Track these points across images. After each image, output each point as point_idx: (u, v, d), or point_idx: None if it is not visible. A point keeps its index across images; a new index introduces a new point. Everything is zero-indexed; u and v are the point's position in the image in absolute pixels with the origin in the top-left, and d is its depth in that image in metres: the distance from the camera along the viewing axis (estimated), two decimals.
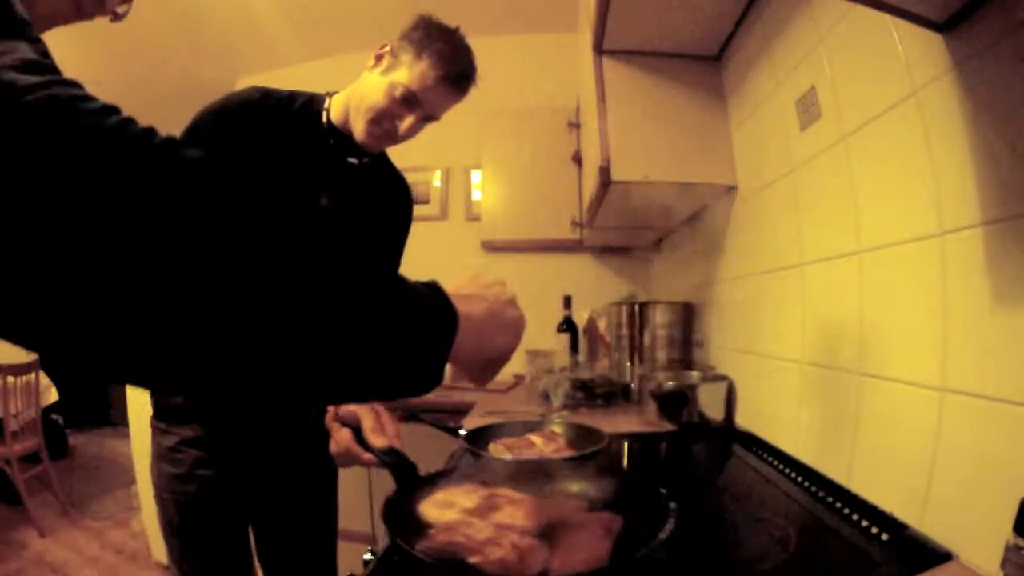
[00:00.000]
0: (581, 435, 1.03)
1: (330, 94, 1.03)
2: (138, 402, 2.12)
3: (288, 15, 2.30)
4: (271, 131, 0.95)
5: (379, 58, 0.99)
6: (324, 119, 1.01)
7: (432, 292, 0.41)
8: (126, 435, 2.17)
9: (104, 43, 2.46)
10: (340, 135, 1.00)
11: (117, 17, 0.64)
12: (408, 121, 0.96)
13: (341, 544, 1.80)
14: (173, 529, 0.97)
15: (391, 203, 1.15)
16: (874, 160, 0.74)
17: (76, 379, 3.98)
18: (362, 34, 2.58)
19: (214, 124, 0.93)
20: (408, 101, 0.95)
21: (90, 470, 3.53)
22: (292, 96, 1.01)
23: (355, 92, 0.99)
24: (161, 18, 2.30)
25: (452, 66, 0.96)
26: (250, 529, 1.06)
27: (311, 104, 1.01)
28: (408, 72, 0.94)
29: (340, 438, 0.78)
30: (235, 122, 0.93)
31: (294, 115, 0.99)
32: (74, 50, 2.66)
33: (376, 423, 0.76)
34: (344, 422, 0.78)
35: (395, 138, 1.00)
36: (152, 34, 2.41)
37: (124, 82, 2.83)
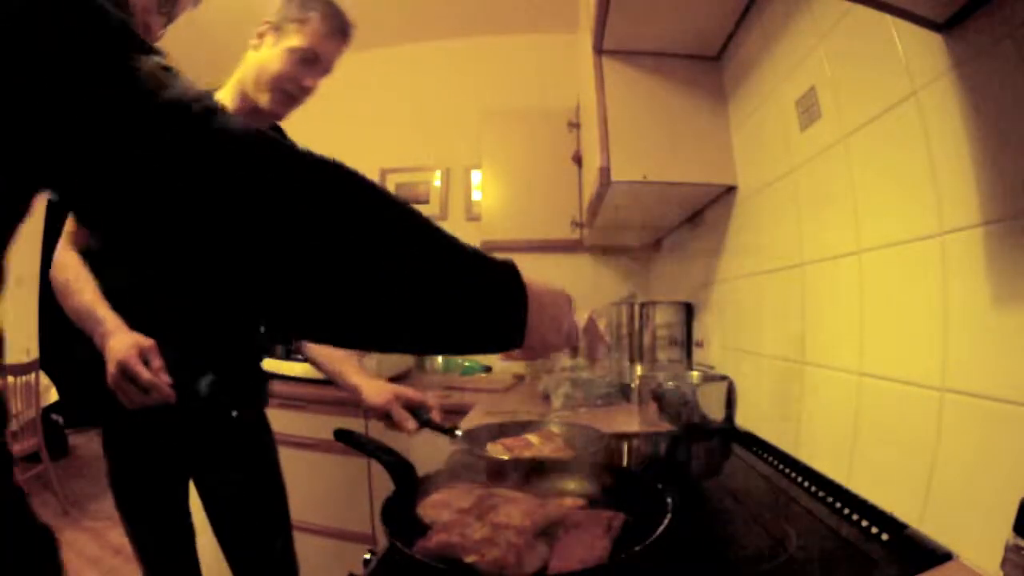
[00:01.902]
0: (579, 435, 1.03)
1: (213, 89, 1.11)
2: None
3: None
4: None
5: (260, 35, 1.07)
6: (236, 105, 1.09)
7: (508, 268, 0.48)
8: None
9: None
10: None
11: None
12: (310, 78, 1.07)
13: (342, 544, 1.80)
14: (114, 483, 1.06)
15: None
16: (874, 160, 0.74)
17: (79, 377, 3.98)
18: (362, 34, 2.59)
19: None
20: (307, 60, 1.05)
21: (90, 470, 3.53)
22: None
23: (247, 74, 1.08)
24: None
25: (338, 19, 1.07)
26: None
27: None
28: (299, 35, 1.04)
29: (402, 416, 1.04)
30: None
31: None
32: None
33: (400, 414, 1.04)
34: (377, 415, 1.07)
35: (299, 99, 1.09)
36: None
37: None
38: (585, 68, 1.43)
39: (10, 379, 2.63)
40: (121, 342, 0.86)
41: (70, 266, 0.99)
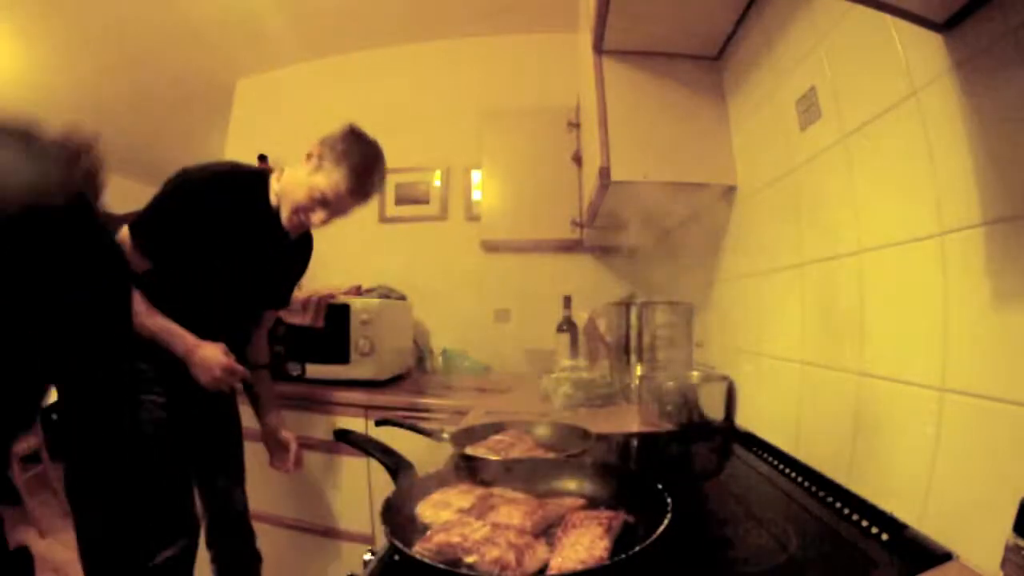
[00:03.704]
0: (568, 435, 1.03)
1: (273, 172, 1.29)
2: None
3: (287, 15, 2.30)
4: (225, 209, 1.20)
5: (309, 157, 1.21)
6: (271, 200, 1.26)
7: None
8: None
9: (105, 43, 2.47)
10: (277, 215, 1.26)
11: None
12: (319, 217, 1.22)
13: (341, 544, 1.80)
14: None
15: (301, 262, 1.51)
16: (874, 160, 0.74)
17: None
18: (362, 34, 2.59)
19: (175, 204, 1.17)
20: (321, 203, 1.20)
21: None
22: (241, 173, 1.27)
23: (287, 184, 1.24)
24: (161, 18, 2.30)
25: (362, 182, 1.20)
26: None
27: (259, 183, 1.27)
28: (326, 179, 1.18)
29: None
30: (193, 202, 1.17)
31: (245, 193, 1.24)
32: (75, 51, 2.67)
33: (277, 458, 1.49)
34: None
35: (307, 228, 1.29)
36: (152, 35, 2.41)
37: (124, 83, 2.84)
38: (585, 68, 1.43)
39: None
40: (214, 351, 1.21)
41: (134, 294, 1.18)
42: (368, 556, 0.61)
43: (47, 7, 2.19)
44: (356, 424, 1.75)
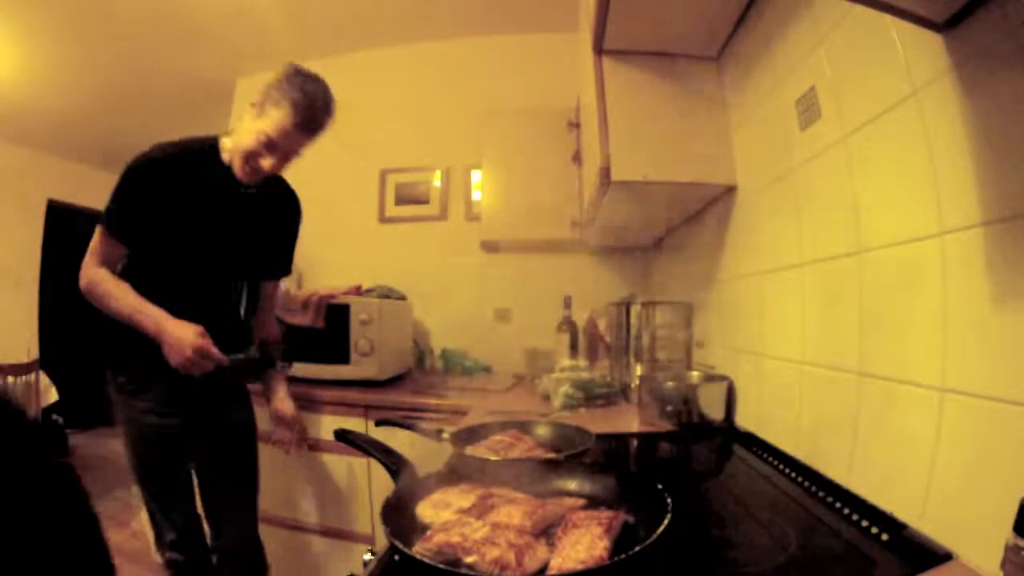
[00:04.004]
0: (568, 435, 1.03)
1: (225, 134, 1.28)
2: None
3: (288, 14, 2.30)
4: (180, 178, 1.20)
5: (253, 106, 1.21)
6: (223, 159, 1.25)
7: None
8: None
9: (105, 43, 2.47)
10: (231, 171, 1.26)
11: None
12: (269, 161, 1.21)
13: (342, 544, 1.80)
14: (133, 453, 1.27)
15: (283, 220, 1.46)
16: (874, 160, 0.74)
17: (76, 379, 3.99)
18: (362, 34, 2.59)
19: (133, 184, 1.18)
20: (268, 146, 1.19)
21: (90, 470, 3.52)
22: (192, 142, 1.25)
23: (236, 137, 1.23)
24: (161, 18, 2.30)
25: (306, 116, 1.18)
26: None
27: (209, 147, 1.26)
28: (269, 121, 1.18)
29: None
30: (148, 178, 1.18)
31: (197, 159, 1.24)
32: (75, 49, 2.66)
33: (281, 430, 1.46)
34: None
35: (262, 174, 1.25)
36: (152, 34, 2.41)
37: (124, 82, 2.84)
38: (585, 68, 1.43)
39: (10, 379, 2.63)
40: (186, 331, 1.14)
41: (105, 278, 1.20)
42: (368, 556, 0.61)
43: (47, 7, 2.19)
44: (356, 424, 1.75)
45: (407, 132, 2.60)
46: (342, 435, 1.02)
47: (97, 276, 1.20)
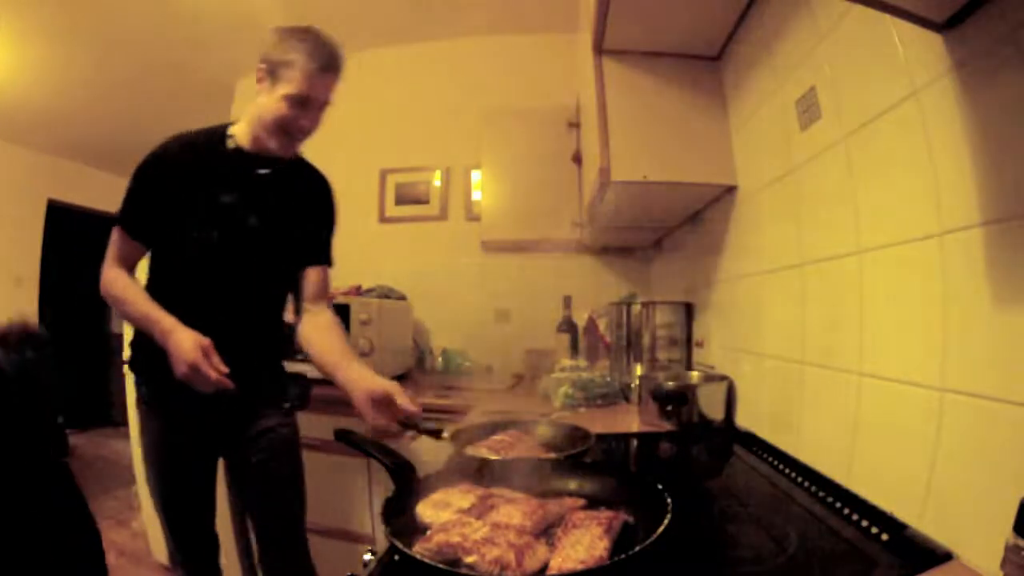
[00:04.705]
0: (567, 435, 1.03)
1: (233, 123, 1.22)
2: None
3: (288, 15, 2.30)
4: (189, 169, 1.15)
5: (260, 81, 1.14)
6: (230, 145, 1.18)
7: None
8: (126, 435, 2.17)
9: (106, 43, 2.47)
10: (244, 155, 1.18)
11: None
12: (307, 119, 1.14)
13: (342, 544, 1.80)
14: (152, 475, 1.20)
15: (309, 201, 1.30)
16: (874, 160, 0.74)
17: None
18: (362, 34, 2.59)
19: (143, 179, 1.14)
20: (302, 103, 1.11)
21: (90, 470, 3.53)
22: (201, 133, 1.20)
23: (254, 115, 1.15)
24: (161, 18, 2.30)
25: (321, 56, 1.12)
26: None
27: (216, 135, 1.20)
28: (289, 80, 1.10)
29: (378, 415, 0.99)
30: (157, 172, 1.14)
31: (205, 149, 1.18)
32: (76, 49, 2.66)
33: (405, 397, 0.97)
34: (376, 399, 0.98)
35: (302, 139, 1.18)
36: (152, 34, 2.41)
37: (124, 82, 2.84)
38: (585, 68, 1.43)
39: None
40: (187, 342, 1.00)
41: (120, 280, 1.15)
42: (368, 556, 0.61)
43: (46, 7, 2.19)
44: (356, 424, 1.75)
45: (407, 132, 2.60)
46: (342, 435, 1.02)
47: (111, 277, 1.15)
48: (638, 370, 1.56)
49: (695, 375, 1.36)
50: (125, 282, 1.14)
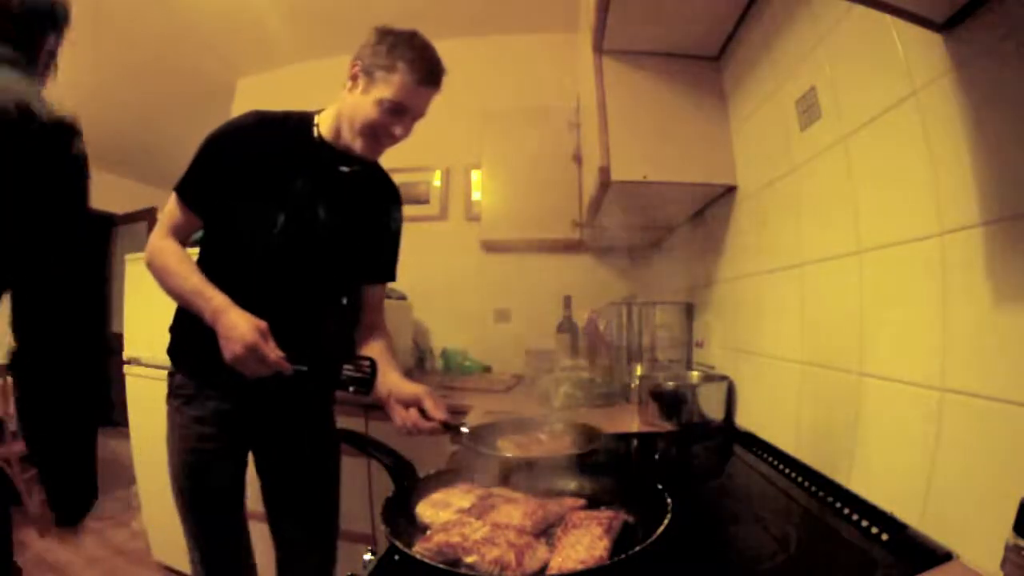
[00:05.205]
0: (580, 433, 1.03)
1: (318, 111, 1.15)
2: (138, 403, 2.12)
3: (287, 15, 2.30)
4: (268, 149, 1.08)
5: (354, 78, 1.09)
6: (315, 134, 1.12)
7: None
8: (126, 435, 2.17)
9: (106, 42, 2.46)
10: (330, 148, 1.12)
11: None
12: (401, 127, 1.08)
13: (342, 544, 1.80)
14: (180, 474, 1.10)
15: (380, 206, 1.26)
16: (874, 160, 0.74)
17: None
18: (361, 34, 2.59)
19: (215, 149, 1.07)
20: (396, 111, 1.06)
21: None
22: (286, 116, 1.13)
23: (343, 112, 1.10)
24: (161, 18, 2.29)
25: (424, 69, 1.07)
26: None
27: (303, 121, 1.14)
28: (387, 86, 1.05)
29: (406, 415, 0.95)
30: (233, 145, 1.07)
31: (289, 132, 1.11)
32: (75, 49, 2.66)
33: (434, 403, 0.95)
34: (407, 403, 0.96)
35: (389, 144, 1.12)
36: (153, 34, 2.41)
37: (126, 82, 2.84)
38: (585, 68, 1.43)
39: (10, 379, 2.62)
40: (244, 322, 0.95)
41: (170, 251, 1.06)
42: (368, 556, 0.61)
43: None
44: (356, 424, 1.75)
45: None
46: (342, 435, 1.02)
47: (160, 247, 1.06)
48: (638, 370, 1.56)
49: (695, 375, 1.36)
50: (177, 253, 1.06)
